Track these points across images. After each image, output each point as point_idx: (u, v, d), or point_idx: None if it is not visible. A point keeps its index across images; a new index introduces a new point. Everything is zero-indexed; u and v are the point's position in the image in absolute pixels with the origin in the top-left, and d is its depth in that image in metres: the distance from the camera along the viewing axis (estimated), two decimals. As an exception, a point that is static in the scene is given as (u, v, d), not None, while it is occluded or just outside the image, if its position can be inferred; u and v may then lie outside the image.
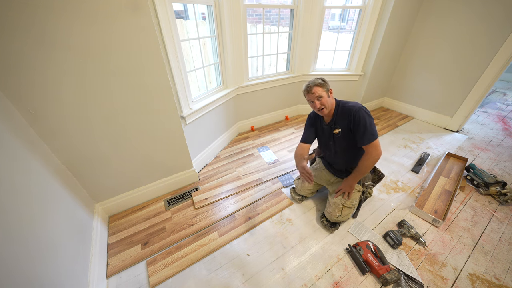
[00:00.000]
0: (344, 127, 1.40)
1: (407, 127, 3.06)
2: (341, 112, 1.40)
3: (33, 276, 0.85)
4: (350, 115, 1.34)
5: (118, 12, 1.14)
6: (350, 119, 1.35)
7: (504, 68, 2.34)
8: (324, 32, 2.75)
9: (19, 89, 1.07)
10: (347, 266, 1.40)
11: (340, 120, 1.42)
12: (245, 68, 2.47)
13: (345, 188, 1.53)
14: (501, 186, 1.88)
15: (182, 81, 1.73)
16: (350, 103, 1.39)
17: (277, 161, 2.37)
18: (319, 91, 1.34)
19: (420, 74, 3.05)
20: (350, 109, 1.35)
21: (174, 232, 1.62)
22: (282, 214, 1.76)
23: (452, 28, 2.58)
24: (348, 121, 1.36)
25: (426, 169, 2.25)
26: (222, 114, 2.43)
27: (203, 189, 1.99)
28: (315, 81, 1.36)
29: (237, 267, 1.40)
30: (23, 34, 0.99)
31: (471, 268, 1.39)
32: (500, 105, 3.80)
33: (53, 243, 1.02)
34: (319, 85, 1.35)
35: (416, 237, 1.52)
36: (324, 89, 1.35)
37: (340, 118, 1.41)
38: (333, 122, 1.45)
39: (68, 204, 1.29)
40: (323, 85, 1.36)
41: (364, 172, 1.41)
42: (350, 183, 1.51)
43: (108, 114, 1.37)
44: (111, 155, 1.52)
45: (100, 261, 1.35)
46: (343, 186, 1.54)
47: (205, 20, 2.11)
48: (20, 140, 1.06)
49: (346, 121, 1.37)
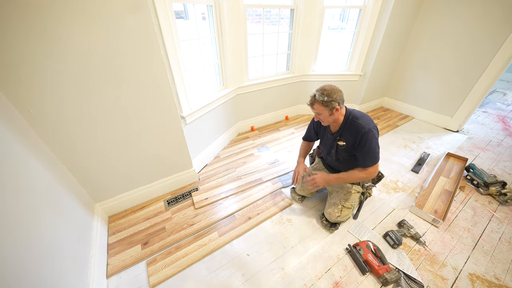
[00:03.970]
0: (349, 143, 1.37)
1: (407, 127, 3.06)
2: (349, 126, 1.35)
3: (33, 275, 0.85)
4: (357, 136, 1.30)
5: (118, 12, 1.14)
6: (356, 140, 1.31)
7: (504, 68, 2.34)
8: (324, 32, 2.75)
9: (19, 89, 1.07)
10: (347, 266, 1.40)
11: (346, 134, 1.38)
12: (245, 68, 2.47)
13: (318, 180, 1.44)
14: (501, 186, 1.88)
15: (182, 81, 1.73)
16: (360, 119, 1.31)
17: (277, 161, 2.37)
18: (320, 109, 1.27)
19: (420, 74, 3.05)
20: (359, 129, 1.29)
21: (174, 232, 1.62)
22: (282, 214, 1.76)
23: (452, 28, 2.58)
24: (354, 141, 1.33)
25: (426, 169, 2.25)
26: (222, 114, 2.42)
27: (203, 189, 1.99)
28: (320, 98, 1.23)
29: (237, 267, 1.40)
30: (23, 34, 0.99)
31: (471, 268, 1.39)
32: (500, 105, 3.80)
33: (53, 243, 1.02)
34: (322, 103, 1.24)
35: (416, 237, 1.52)
36: (326, 108, 1.25)
37: (347, 133, 1.37)
38: (338, 134, 1.42)
39: (68, 204, 1.29)
40: (327, 104, 1.24)
41: (351, 180, 1.43)
42: (327, 179, 1.44)
43: (108, 114, 1.37)
44: (111, 155, 1.51)
45: (100, 261, 1.35)
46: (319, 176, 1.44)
47: (205, 20, 2.10)
48: (20, 140, 1.06)
49: (352, 139, 1.34)
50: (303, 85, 3.10)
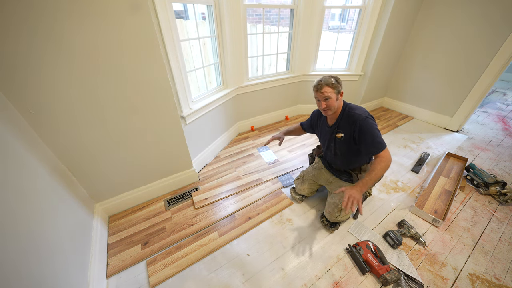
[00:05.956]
0: (347, 134, 1.37)
1: (407, 127, 3.06)
2: (346, 117, 1.36)
3: (33, 275, 0.85)
4: (355, 125, 1.30)
5: (118, 12, 1.14)
6: (354, 129, 1.31)
7: (504, 68, 2.35)
8: (324, 32, 2.75)
9: (19, 89, 1.07)
10: (347, 266, 1.40)
11: (343, 126, 1.38)
12: (245, 68, 2.47)
13: (351, 193, 1.17)
14: (501, 186, 1.88)
15: (182, 81, 1.73)
16: (356, 109, 1.33)
17: (277, 161, 2.37)
18: (329, 92, 1.27)
19: (420, 74, 3.06)
20: (356, 118, 1.30)
21: (174, 232, 1.62)
22: (282, 214, 1.76)
23: (452, 28, 2.58)
24: (353, 130, 1.33)
25: (426, 169, 2.25)
26: (222, 114, 2.42)
27: (203, 189, 1.99)
28: (328, 80, 1.27)
29: (237, 267, 1.40)
30: (24, 35, 0.99)
31: (471, 268, 1.39)
32: (500, 105, 3.80)
33: (53, 243, 1.02)
34: (330, 85, 1.26)
35: (416, 237, 1.52)
36: (335, 90, 1.27)
37: (344, 124, 1.38)
38: (336, 126, 1.43)
39: (68, 204, 1.29)
40: (335, 86, 1.27)
41: (378, 175, 1.22)
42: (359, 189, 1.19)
43: (108, 114, 1.37)
44: (111, 155, 1.51)
45: (100, 261, 1.35)
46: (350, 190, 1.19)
47: (205, 20, 2.10)
48: (20, 140, 1.06)
49: (350, 129, 1.34)
50: (303, 85, 3.10)
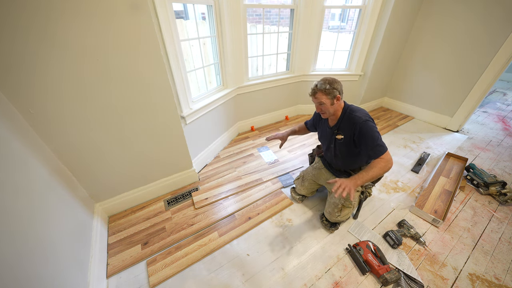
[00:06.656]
0: (348, 136, 1.38)
1: (407, 127, 3.06)
2: (347, 119, 1.36)
3: (33, 275, 0.85)
4: (355, 127, 1.30)
5: (118, 12, 1.14)
6: (354, 131, 1.31)
7: (504, 68, 2.35)
8: (324, 32, 2.75)
9: (19, 89, 1.07)
10: (347, 266, 1.40)
11: (344, 127, 1.39)
12: (245, 68, 2.47)
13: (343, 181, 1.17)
14: (501, 186, 1.88)
15: (182, 81, 1.73)
16: (356, 112, 1.34)
17: (277, 161, 2.37)
18: (323, 98, 1.29)
19: (420, 74, 3.05)
20: (355, 120, 1.30)
21: (174, 232, 1.62)
22: (282, 214, 1.76)
23: (452, 28, 2.58)
24: (352, 133, 1.33)
25: (426, 169, 2.25)
26: (222, 114, 2.42)
27: (203, 189, 1.99)
28: (322, 86, 1.27)
29: (237, 267, 1.40)
30: (23, 34, 0.99)
31: (471, 268, 1.39)
32: (500, 105, 3.80)
33: (53, 243, 1.02)
34: (324, 91, 1.27)
35: (416, 237, 1.52)
36: (328, 96, 1.28)
37: (345, 125, 1.38)
38: (336, 127, 1.43)
39: (68, 204, 1.29)
40: (329, 92, 1.27)
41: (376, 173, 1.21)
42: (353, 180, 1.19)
43: (108, 114, 1.37)
44: (111, 155, 1.51)
45: (100, 261, 1.35)
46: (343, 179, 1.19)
47: (205, 20, 2.10)
48: (20, 140, 1.06)
49: (350, 131, 1.35)
50: (303, 85, 3.10)
